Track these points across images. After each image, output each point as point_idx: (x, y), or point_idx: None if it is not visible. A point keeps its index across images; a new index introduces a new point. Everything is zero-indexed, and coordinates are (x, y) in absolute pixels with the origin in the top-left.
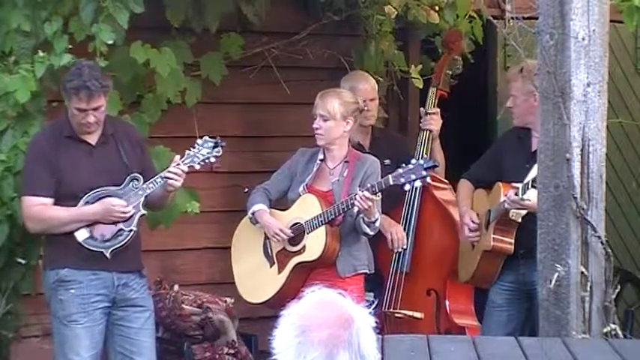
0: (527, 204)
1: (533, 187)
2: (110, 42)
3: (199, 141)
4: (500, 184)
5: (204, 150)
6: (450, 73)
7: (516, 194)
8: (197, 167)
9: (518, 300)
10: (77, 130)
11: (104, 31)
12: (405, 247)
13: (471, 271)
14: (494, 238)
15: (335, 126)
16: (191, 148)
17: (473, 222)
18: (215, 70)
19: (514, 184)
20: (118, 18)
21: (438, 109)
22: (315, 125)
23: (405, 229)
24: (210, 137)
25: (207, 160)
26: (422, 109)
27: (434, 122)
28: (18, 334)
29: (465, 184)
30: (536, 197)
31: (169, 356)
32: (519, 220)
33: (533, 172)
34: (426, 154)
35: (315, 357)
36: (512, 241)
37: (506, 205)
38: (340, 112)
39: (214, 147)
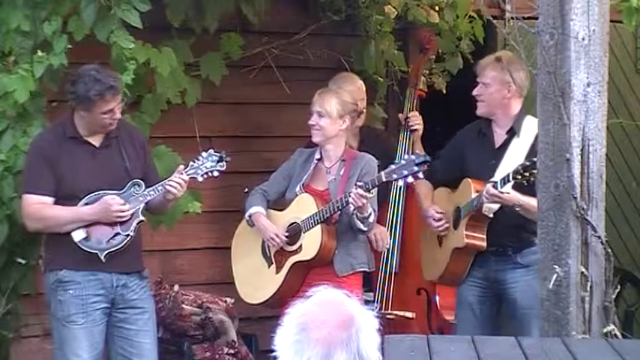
0: (507, 197)
1: (515, 179)
2: (131, 46)
3: (204, 153)
4: (470, 180)
5: (208, 163)
6: (428, 72)
7: (494, 187)
8: (200, 179)
9: (489, 297)
10: (100, 130)
11: (122, 38)
12: (388, 247)
13: (438, 272)
14: (466, 234)
15: (331, 123)
16: (195, 160)
17: (437, 212)
18: (215, 70)
19: (492, 179)
20: (130, 20)
21: (417, 112)
22: (311, 121)
23: (391, 229)
24: (215, 151)
25: (210, 174)
26: (400, 114)
27: (418, 122)
28: (18, 334)
29: (423, 184)
30: (513, 191)
31: (169, 356)
32: (491, 215)
33: (507, 167)
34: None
35: (312, 355)
36: (485, 237)
37: (484, 199)
38: (337, 111)
39: (219, 161)
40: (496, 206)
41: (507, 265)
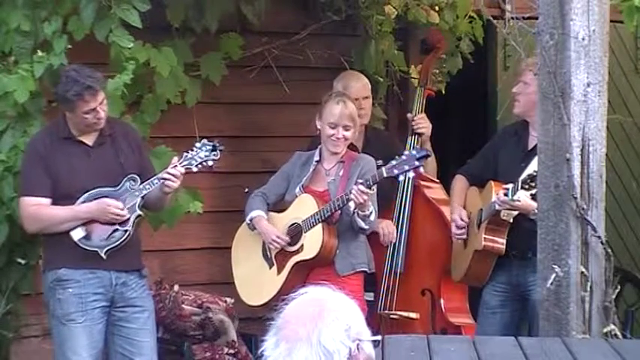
0: (518, 205)
1: (522, 188)
2: (130, 46)
3: (197, 144)
4: (492, 183)
5: (202, 153)
6: (438, 71)
7: (506, 195)
8: (195, 170)
9: (511, 301)
10: (87, 130)
11: (122, 37)
12: (394, 240)
13: (463, 271)
14: (485, 238)
15: (354, 132)
16: (189, 151)
17: (461, 219)
18: (215, 70)
19: (504, 186)
20: (130, 19)
21: (424, 114)
22: (338, 136)
23: (397, 229)
24: (208, 140)
25: (204, 163)
26: (409, 114)
27: (424, 125)
28: (18, 334)
29: (459, 180)
30: (527, 198)
31: (169, 356)
32: (511, 220)
33: (525, 173)
34: None
35: (280, 353)
36: (504, 241)
37: (496, 206)
38: (357, 117)
39: (212, 150)
40: (515, 211)
41: (527, 269)
